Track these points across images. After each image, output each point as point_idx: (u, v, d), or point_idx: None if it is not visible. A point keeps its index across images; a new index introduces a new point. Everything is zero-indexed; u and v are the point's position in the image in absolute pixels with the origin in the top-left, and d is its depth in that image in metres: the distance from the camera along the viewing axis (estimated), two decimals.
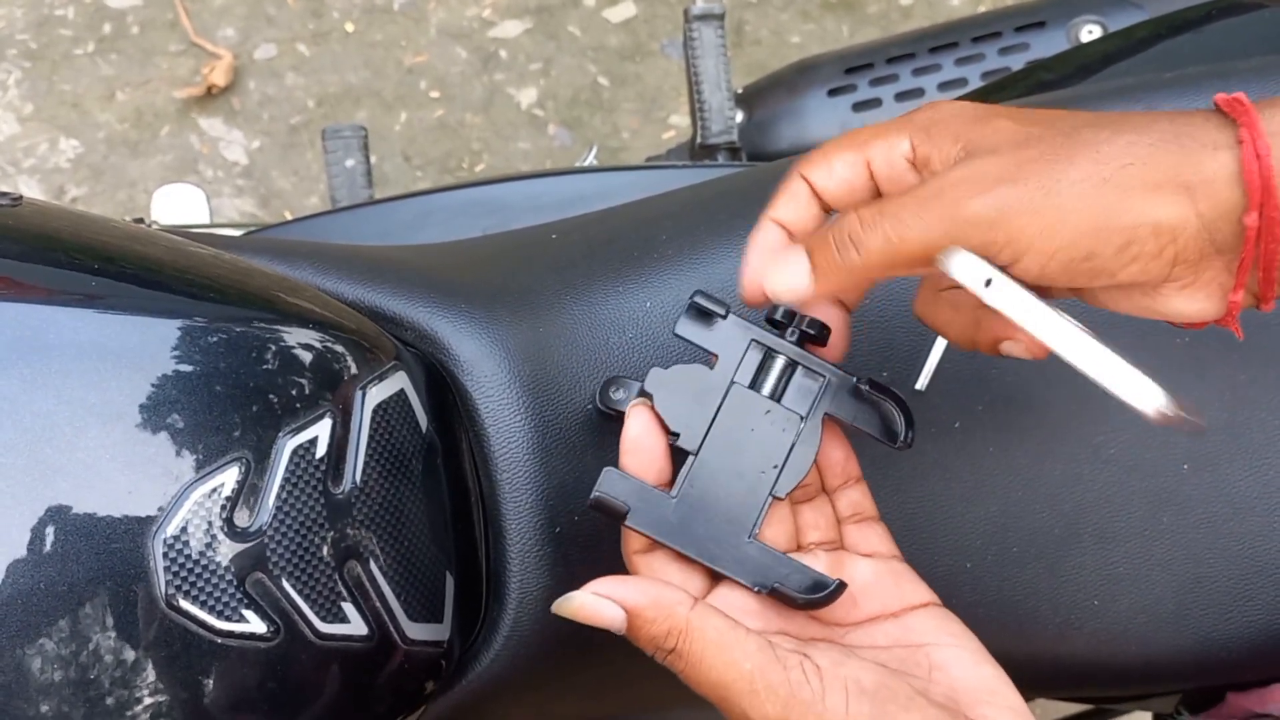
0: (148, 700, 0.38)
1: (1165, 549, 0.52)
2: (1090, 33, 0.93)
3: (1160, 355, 0.53)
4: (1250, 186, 0.36)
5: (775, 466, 0.43)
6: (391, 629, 0.43)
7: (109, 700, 0.38)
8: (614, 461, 0.45)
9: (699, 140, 0.94)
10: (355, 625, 0.42)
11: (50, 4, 1.56)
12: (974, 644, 0.42)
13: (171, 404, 0.39)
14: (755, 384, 0.44)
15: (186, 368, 0.40)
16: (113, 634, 0.38)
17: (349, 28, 1.56)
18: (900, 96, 0.95)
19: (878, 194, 0.42)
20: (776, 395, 0.44)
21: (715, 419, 0.43)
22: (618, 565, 0.51)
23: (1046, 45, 0.94)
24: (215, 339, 0.41)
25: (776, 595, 0.41)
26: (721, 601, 0.42)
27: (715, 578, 0.43)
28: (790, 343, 0.44)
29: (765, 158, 0.96)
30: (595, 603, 0.40)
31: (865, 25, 1.58)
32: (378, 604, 0.43)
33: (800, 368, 0.44)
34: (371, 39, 1.56)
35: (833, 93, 0.96)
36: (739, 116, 0.97)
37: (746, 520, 0.42)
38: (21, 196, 0.45)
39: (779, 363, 0.44)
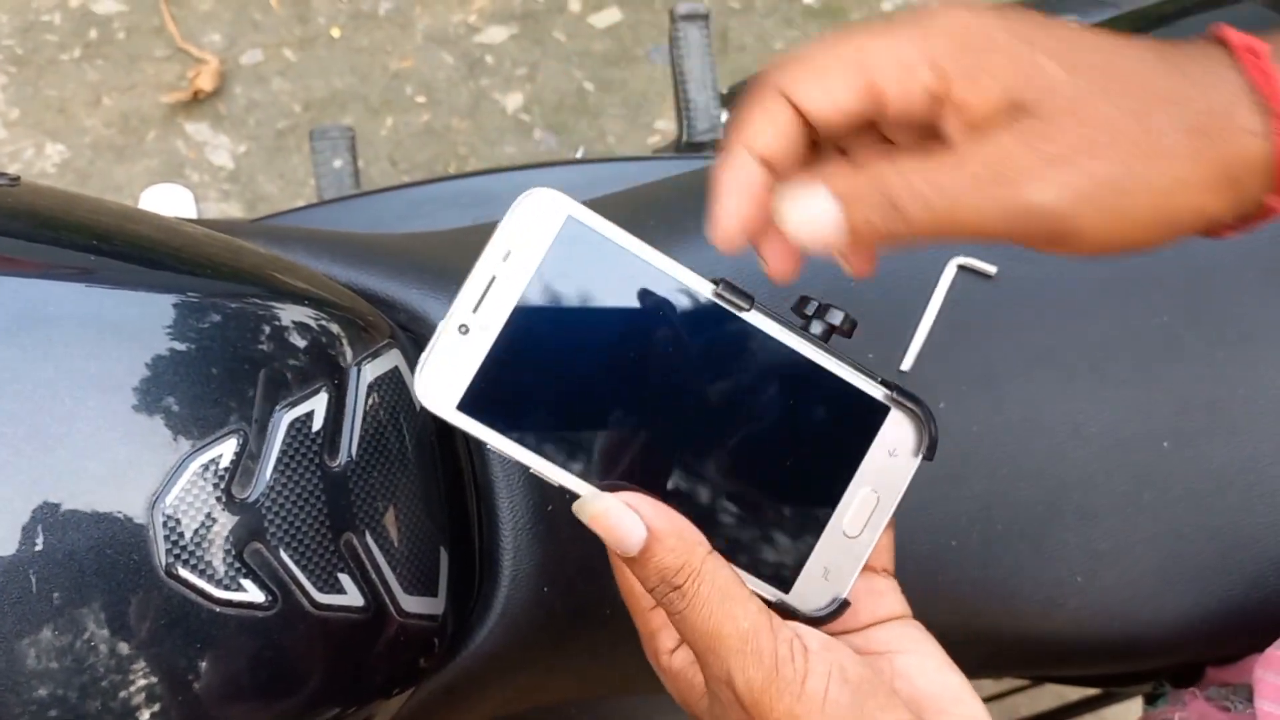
0: (147, 669, 0.39)
1: (1146, 525, 0.53)
2: None
3: (1141, 334, 0.54)
4: (1278, 172, 0.36)
5: None
6: (387, 600, 0.44)
7: (108, 668, 0.38)
8: None
9: (684, 139, 0.95)
10: (351, 596, 0.43)
11: (36, 9, 1.56)
12: (938, 652, 0.41)
13: (170, 376, 0.40)
14: None
15: (184, 342, 0.41)
16: (114, 603, 0.38)
17: (335, 33, 1.57)
18: None
19: (874, 124, 0.37)
20: None
21: None
22: None
23: None
24: (213, 314, 0.42)
25: (781, 607, 0.41)
26: None
27: None
28: (817, 337, 0.40)
29: None
30: (621, 512, 0.37)
31: None
32: (373, 575, 0.43)
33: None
34: (358, 44, 1.57)
35: None
36: (724, 116, 0.98)
37: None
38: (19, 177, 0.45)
39: None
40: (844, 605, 0.41)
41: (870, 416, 0.40)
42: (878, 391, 0.40)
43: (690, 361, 0.39)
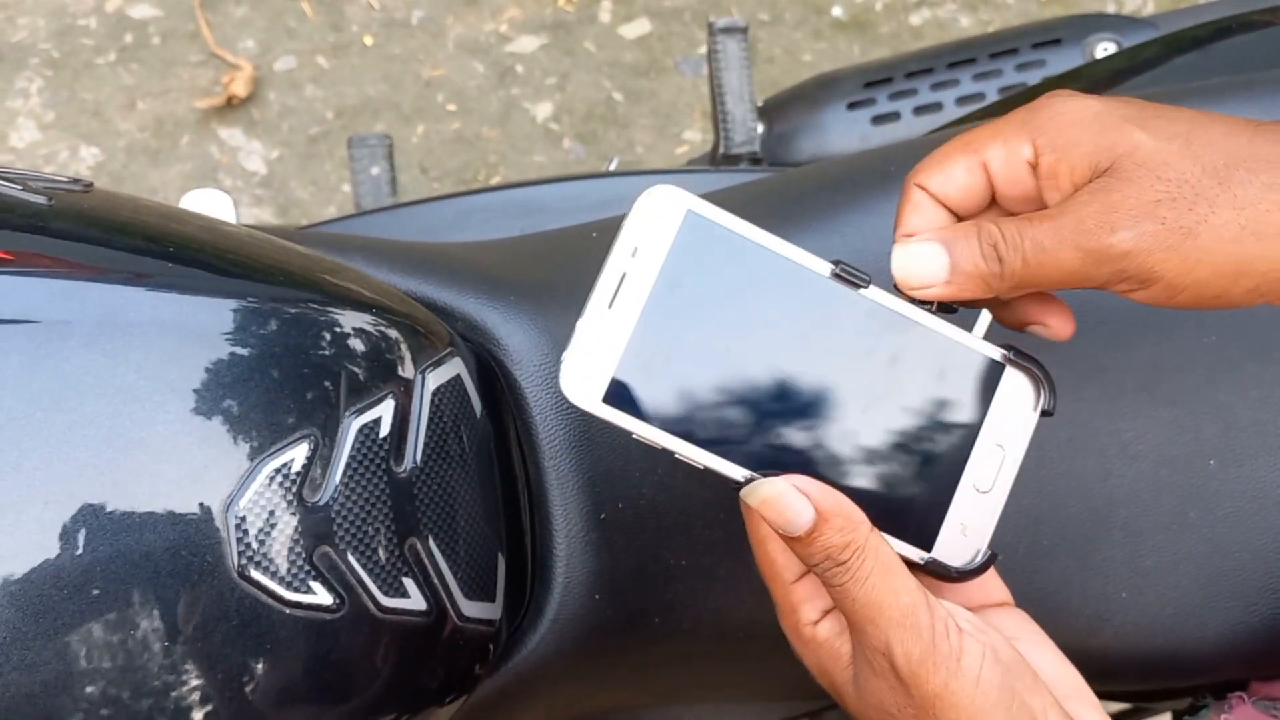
0: (217, 667, 0.39)
1: (1192, 543, 0.54)
2: (1105, 50, 0.95)
3: (1189, 353, 0.54)
4: None
5: None
6: (448, 605, 0.44)
7: (182, 666, 0.39)
8: (659, 453, 0.47)
9: (721, 150, 0.96)
10: (415, 600, 0.43)
11: (73, 14, 1.58)
12: (1052, 645, 0.43)
13: (244, 382, 0.41)
14: None
15: (258, 348, 0.42)
16: (188, 602, 0.39)
17: (368, 41, 1.58)
18: (919, 110, 0.97)
19: (993, 197, 0.43)
20: None
21: None
22: (661, 552, 0.52)
23: (1062, 61, 0.96)
24: (286, 321, 0.43)
25: (932, 566, 0.42)
26: None
27: None
28: (930, 312, 0.43)
29: (786, 168, 0.97)
30: (792, 495, 0.39)
31: (877, 45, 1.61)
32: (435, 580, 0.44)
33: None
34: (390, 52, 1.58)
35: (852, 106, 0.98)
36: (759, 128, 0.99)
37: None
38: (92, 184, 0.46)
39: None
40: (993, 557, 0.42)
41: (989, 377, 0.43)
42: (995, 352, 0.43)
43: (820, 340, 0.41)
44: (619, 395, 0.39)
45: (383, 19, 1.59)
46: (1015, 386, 0.43)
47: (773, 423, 0.41)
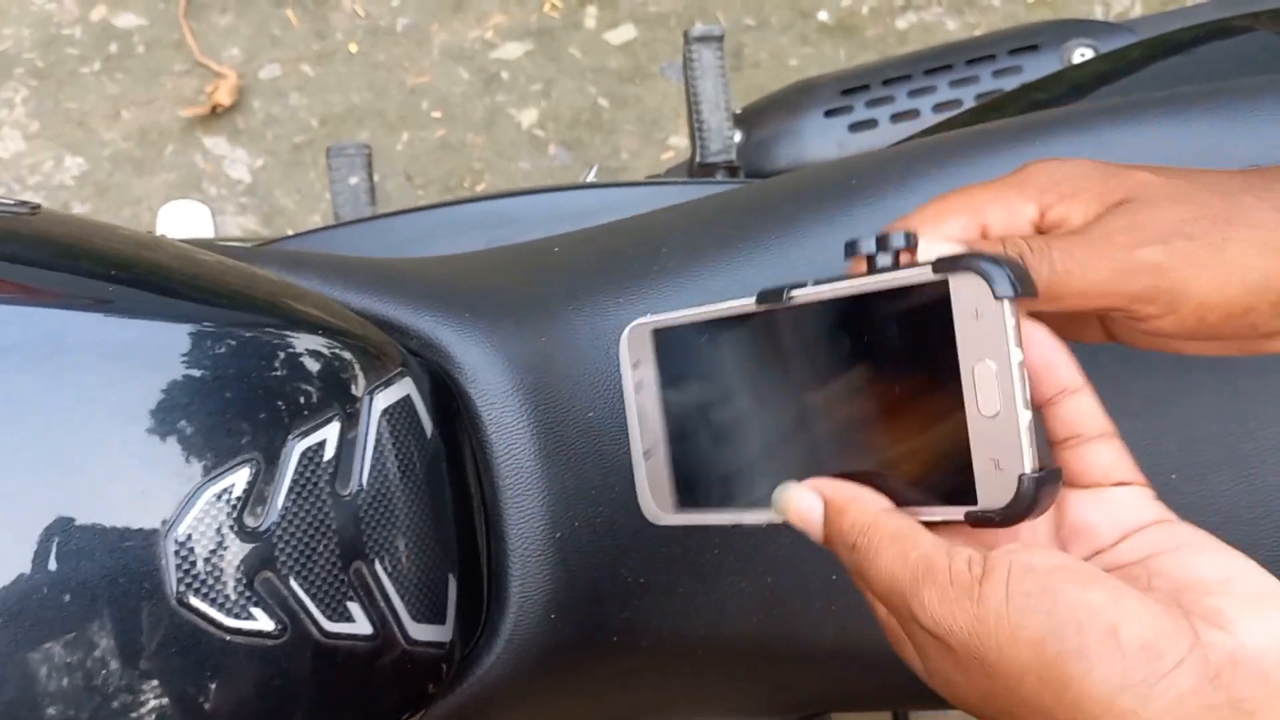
0: (157, 696, 0.39)
1: None
2: (1082, 55, 0.95)
3: (1150, 366, 0.54)
4: None
5: None
6: (395, 629, 0.44)
7: (120, 696, 0.38)
8: (616, 470, 0.47)
9: (698, 159, 0.96)
10: (360, 624, 0.43)
11: (58, 23, 1.58)
12: (1210, 541, 0.37)
13: (185, 406, 0.41)
14: None
15: (199, 371, 0.41)
16: (125, 630, 0.38)
17: (353, 49, 1.58)
18: (896, 117, 0.97)
19: None
20: None
21: None
22: (618, 569, 0.52)
23: (1039, 67, 0.95)
24: (227, 343, 0.42)
25: (983, 519, 0.37)
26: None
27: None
28: (890, 268, 0.40)
29: (763, 176, 0.97)
30: (799, 492, 0.40)
31: (863, 49, 1.60)
32: (382, 604, 0.44)
33: None
34: (375, 60, 1.58)
35: (829, 113, 0.98)
36: (737, 136, 0.99)
37: None
38: (40, 205, 0.46)
39: None
40: (1044, 477, 0.36)
41: (939, 300, 0.38)
42: (926, 272, 0.38)
43: (790, 362, 0.42)
44: (687, 500, 0.45)
45: (367, 26, 1.59)
46: (967, 292, 0.37)
47: (786, 455, 0.42)
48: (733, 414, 0.43)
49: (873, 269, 0.40)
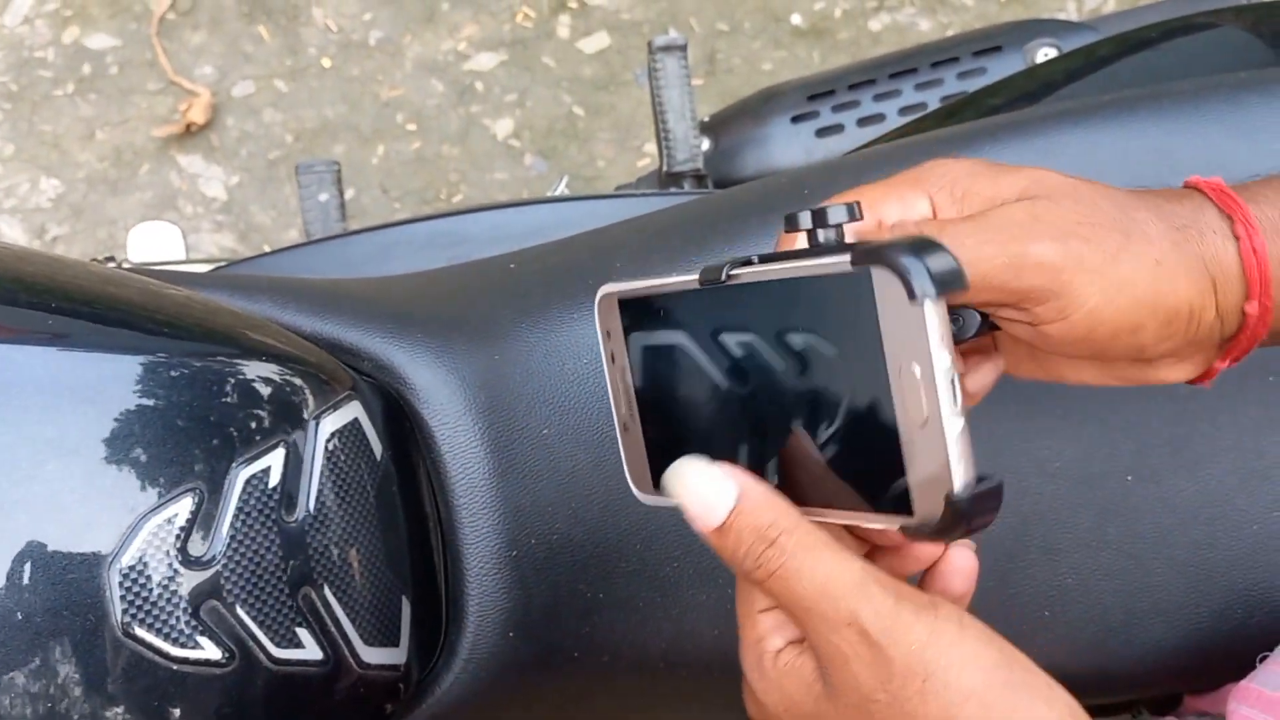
0: None
1: (1112, 559, 0.54)
2: (1045, 55, 0.95)
3: None
4: (1250, 279, 0.39)
5: None
6: (346, 653, 0.44)
7: None
8: (571, 487, 0.45)
9: (665, 169, 0.96)
10: (310, 650, 0.43)
11: (30, 46, 1.58)
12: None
13: (127, 438, 0.41)
14: None
15: (141, 402, 0.41)
16: (71, 663, 0.38)
17: (326, 63, 1.58)
18: (862, 122, 0.97)
19: None
20: None
21: None
22: (577, 585, 0.52)
23: (1003, 68, 0.96)
24: (169, 374, 0.42)
25: (916, 531, 0.35)
26: None
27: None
28: (832, 245, 0.37)
29: (731, 184, 0.97)
30: (712, 474, 0.37)
31: (836, 52, 1.61)
32: (332, 629, 0.44)
33: None
34: (348, 74, 1.58)
35: (796, 119, 0.98)
36: (705, 144, 0.99)
37: None
38: None
39: None
40: (977, 495, 0.34)
41: (864, 296, 0.34)
42: (842, 264, 0.34)
43: (737, 347, 0.39)
44: (659, 484, 0.42)
45: (340, 41, 1.59)
46: (890, 290, 0.33)
47: (729, 441, 0.39)
48: (690, 395, 0.40)
49: (814, 244, 0.37)
